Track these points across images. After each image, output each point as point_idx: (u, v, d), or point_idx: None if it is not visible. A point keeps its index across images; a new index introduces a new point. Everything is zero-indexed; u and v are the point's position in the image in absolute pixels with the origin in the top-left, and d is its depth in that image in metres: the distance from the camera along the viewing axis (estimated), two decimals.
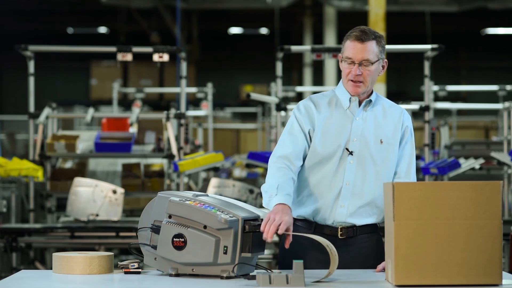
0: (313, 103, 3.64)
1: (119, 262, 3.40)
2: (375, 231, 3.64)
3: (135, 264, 3.35)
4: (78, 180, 7.41)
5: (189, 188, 9.28)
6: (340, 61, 3.65)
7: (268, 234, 3.22)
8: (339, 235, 3.58)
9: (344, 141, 3.57)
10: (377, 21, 11.18)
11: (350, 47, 3.57)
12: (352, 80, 3.58)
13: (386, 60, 3.65)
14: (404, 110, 3.70)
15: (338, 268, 3.32)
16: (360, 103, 3.62)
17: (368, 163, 3.56)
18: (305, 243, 3.55)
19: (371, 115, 3.62)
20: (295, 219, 3.59)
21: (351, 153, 3.56)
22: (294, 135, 3.60)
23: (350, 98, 3.62)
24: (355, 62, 3.56)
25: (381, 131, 3.60)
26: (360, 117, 3.61)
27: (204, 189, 7.70)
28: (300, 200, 3.63)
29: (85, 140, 8.32)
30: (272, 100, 7.91)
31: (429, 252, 2.98)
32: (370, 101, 3.63)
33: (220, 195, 3.97)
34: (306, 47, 7.51)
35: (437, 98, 11.35)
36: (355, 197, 3.56)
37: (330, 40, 16.96)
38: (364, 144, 3.57)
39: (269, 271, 3.16)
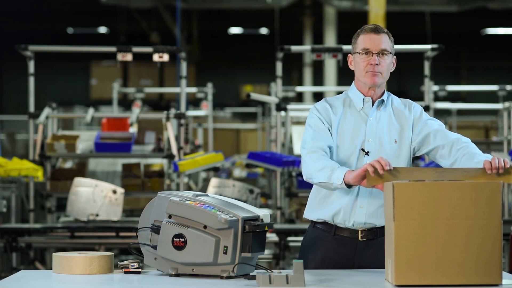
0: (328, 104, 3.65)
1: (119, 262, 3.40)
2: None
3: (135, 264, 3.35)
4: (78, 180, 7.41)
5: (189, 188, 9.28)
6: (350, 61, 3.67)
7: (383, 164, 3.25)
8: (359, 237, 3.58)
9: (359, 142, 3.59)
10: (377, 21, 11.18)
11: (366, 40, 3.60)
12: (371, 71, 3.59)
13: (395, 56, 3.68)
14: (412, 102, 3.70)
15: (358, 268, 3.32)
16: (373, 103, 3.63)
17: None
18: (327, 245, 3.57)
19: (384, 114, 3.63)
20: (314, 222, 3.61)
21: (367, 153, 3.57)
22: (320, 131, 3.58)
23: (363, 98, 3.63)
24: (373, 53, 3.58)
25: (395, 130, 3.62)
26: (374, 117, 3.62)
27: (204, 189, 7.70)
28: (319, 202, 3.63)
29: (85, 140, 8.32)
30: (272, 100, 7.92)
31: (429, 252, 2.98)
32: (383, 101, 3.64)
33: (220, 195, 3.97)
34: (306, 47, 7.52)
35: (437, 98, 11.34)
36: (374, 197, 3.56)
37: (330, 40, 16.96)
38: (379, 144, 3.59)
39: (269, 271, 3.16)
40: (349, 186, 3.40)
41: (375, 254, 3.57)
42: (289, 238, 7.17)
